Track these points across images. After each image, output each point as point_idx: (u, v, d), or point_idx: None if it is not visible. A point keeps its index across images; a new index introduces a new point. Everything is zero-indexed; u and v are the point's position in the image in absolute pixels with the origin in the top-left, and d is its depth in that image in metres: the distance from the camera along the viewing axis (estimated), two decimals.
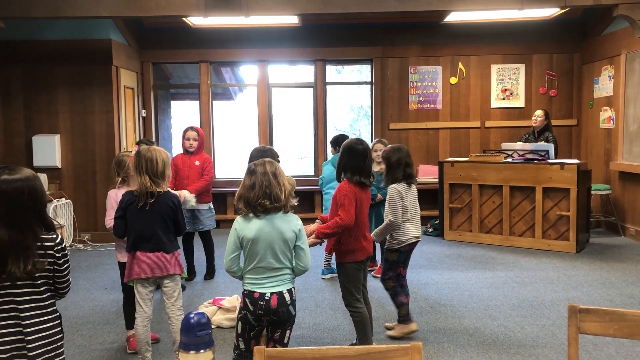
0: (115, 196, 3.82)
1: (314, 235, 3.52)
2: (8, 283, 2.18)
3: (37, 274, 2.22)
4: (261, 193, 2.72)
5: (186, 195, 4.75)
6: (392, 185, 3.95)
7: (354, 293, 3.57)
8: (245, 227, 2.77)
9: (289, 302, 2.78)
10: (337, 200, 3.53)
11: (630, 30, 6.50)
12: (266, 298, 2.74)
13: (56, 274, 2.29)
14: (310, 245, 3.52)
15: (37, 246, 2.20)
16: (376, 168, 5.61)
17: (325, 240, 3.63)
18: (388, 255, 4.06)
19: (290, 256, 2.81)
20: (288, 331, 2.86)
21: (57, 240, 2.27)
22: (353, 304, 3.56)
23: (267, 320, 2.78)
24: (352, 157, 3.57)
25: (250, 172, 2.80)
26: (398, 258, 4.04)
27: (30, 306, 2.22)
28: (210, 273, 5.76)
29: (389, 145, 4.11)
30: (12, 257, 2.14)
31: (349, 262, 3.56)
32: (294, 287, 2.86)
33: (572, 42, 8.37)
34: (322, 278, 5.72)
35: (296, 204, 2.99)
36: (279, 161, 3.98)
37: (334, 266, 5.34)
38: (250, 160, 3.85)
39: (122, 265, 3.85)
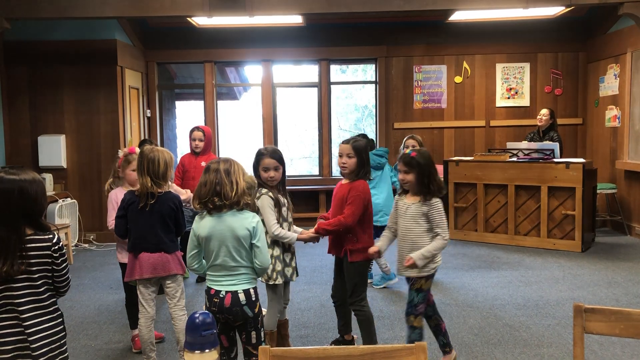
0: (115, 197, 3.84)
1: (314, 230, 3.52)
2: (4, 286, 2.19)
3: (37, 275, 2.23)
4: (211, 190, 2.72)
5: (191, 196, 4.75)
6: (438, 199, 3.34)
7: (363, 292, 3.57)
8: (200, 225, 2.78)
9: (243, 303, 2.74)
10: (347, 197, 3.47)
11: (636, 28, 6.47)
12: (221, 296, 2.73)
13: (55, 274, 2.29)
14: (307, 240, 3.55)
15: (26, 248, 2.19)
16: None
17: (327, 237, 3.62)
18: (423, 284, 3.37)
19: (246, 255, 2.76)
20: (253, 332, 2.81)
21: (54, 240, 2.26)
22: (359, 302, 3.54)
23: (222, 318, 2.76)
24: (368, 157, 3.61)
25: (205, 169, 2.81)
26: (430, 285, 3.45)
27: (31, 307, 2.22)
28: None
29: (416, 148, 3.42)
30: None
31: (363, 260, 3.55)
32: (253, 288, 2.80)
33: (577, 41, 8.34)
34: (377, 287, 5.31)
35: (250, 202, 2.98)
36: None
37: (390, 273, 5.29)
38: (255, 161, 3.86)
39: (123, 266, 3.86)
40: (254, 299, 2.78)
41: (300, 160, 11.15)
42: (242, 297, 2.74)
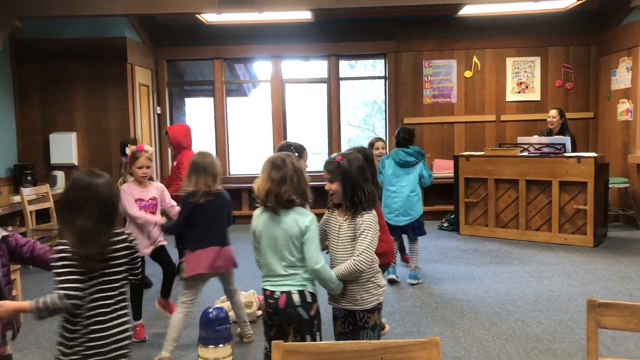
0: (128, 189, 4.03)
1: None
2: (97, 280, 2.24)
3: (121, 268, 2.29)
4: (292, 189, 2.60)
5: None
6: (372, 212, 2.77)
7: None
8: (257, 220, 2.70)
9: (297, 304, 2.61)
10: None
11: None
12: (275, 297, 2.63)
13: (133, 264, 2.35)
14: None
15: (113, 242, 2.27)
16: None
17: None
18: (376, 318, 2.85)
19: (299, 254, 2.62)
20: (308, 336, 2.67)
21: (127, 231, 2.35)
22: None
23: (278, 320, 2.65)
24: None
25: (278, 166, 2.63)
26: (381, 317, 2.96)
27: (119, 299, 2.29)
28: None
29: (344, 153, 2.87)
30: (92, 245, 2.19)
31: None
32: (309, 290, 2.66)
33: (588, 34, 8.26)
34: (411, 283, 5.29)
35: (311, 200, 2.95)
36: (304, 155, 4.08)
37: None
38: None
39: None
40: (309, 300, 2.65)
41: (310, 156, 11.16)
42: (296, 298, 2.62)
